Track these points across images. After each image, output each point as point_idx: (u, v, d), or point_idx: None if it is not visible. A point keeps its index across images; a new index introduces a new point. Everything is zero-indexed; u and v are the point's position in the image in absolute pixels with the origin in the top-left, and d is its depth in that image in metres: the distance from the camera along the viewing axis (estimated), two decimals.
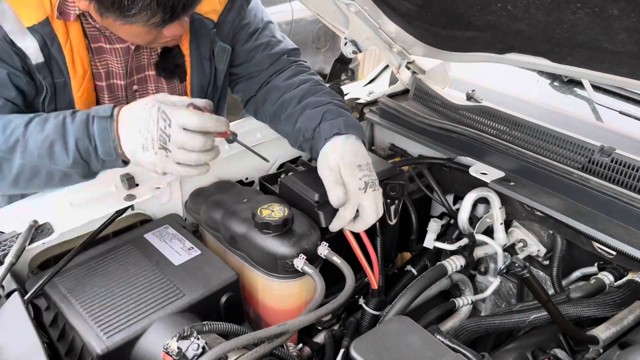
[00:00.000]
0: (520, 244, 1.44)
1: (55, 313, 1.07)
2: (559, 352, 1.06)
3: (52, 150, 1.09)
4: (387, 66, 1.89)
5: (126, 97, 1.40)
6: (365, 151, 1.25)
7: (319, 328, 1.35)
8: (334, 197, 1.17)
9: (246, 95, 1.57)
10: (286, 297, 1.21)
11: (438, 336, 0.96)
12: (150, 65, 1.39)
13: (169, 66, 1.41)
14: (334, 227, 1.20)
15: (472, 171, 1.38)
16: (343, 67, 1.60)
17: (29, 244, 1.14)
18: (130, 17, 1.07)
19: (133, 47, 1.32)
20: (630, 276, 1.23)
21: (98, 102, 1.36)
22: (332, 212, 1.23)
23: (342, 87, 1.66)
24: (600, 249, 1.23)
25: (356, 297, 1.34)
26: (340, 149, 1.22)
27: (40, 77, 1.23)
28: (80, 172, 1.13)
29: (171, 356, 0.87)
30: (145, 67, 1.39)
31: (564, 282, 1.39)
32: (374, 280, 1.23)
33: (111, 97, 1.37)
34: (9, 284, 1.08)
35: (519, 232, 1.44)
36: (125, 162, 1.13)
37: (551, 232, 1.38)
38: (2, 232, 1.18)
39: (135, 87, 1.41)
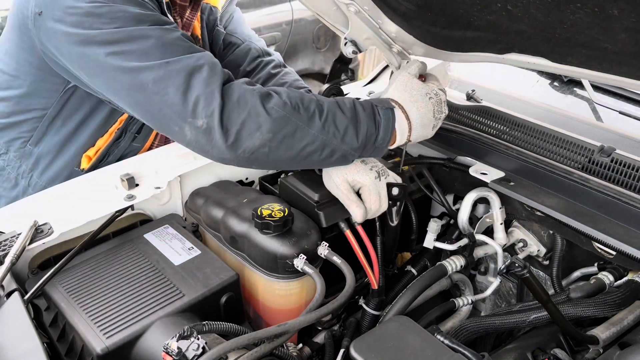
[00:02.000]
0: (520, 244, 1.44)
1: (55, 313, 1.07)
2: (559, 352, 1.06)
3: (347, 131, 1.14)
4: (387, 66, 1.89)
5: None
6: None
7: (319, 328, 1.35)
8: (356, 216, 1.22)
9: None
10: (286, 297, 1.21)
11: (438, 336, 0.96)
12: None
13: None
14: (360, 219, 1.23)
15: (472, 171, 1.38)
16: (343, 67, 1.61)
17: (29, 244, 1.14)
18: None
19: (188, 33, 1.44)
20: (630, 276, 1.23)
21: None
22: (332, 212, 1.23)
23: (342, 87, 1.65)
24: (600, 249, 1.23)
25: (356, 297, 1.34)
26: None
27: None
28: (357, 155, 1.17)
29: (171, 356, 0.86)
30: None
31: (564, 282, 1.39)
32: (374, 280, 1.23)
33: None
34: (9, 284, 1.08)
35: (519, 232, 1.44)
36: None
37: (551, 232, 1.38)
38: (2, 232, 1.18)
39: None
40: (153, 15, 1.17)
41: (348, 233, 1.21)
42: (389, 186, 1.24)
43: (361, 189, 1.22)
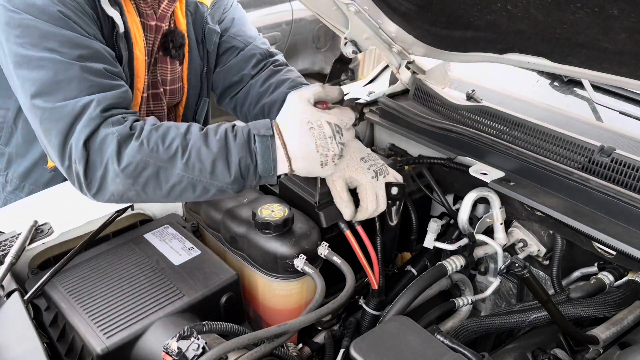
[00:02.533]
0: (520, 244, 1.44)
1: (55, 313, 1.07)
2: (559, 352, 1.06)
3: (215, 166, 1.06)
4: (387, 66, 1.89)
5: (149, 73, 1.46)
6: (361, 145, 1.27)
7: (319, 328, 1.35)
8: (345, 215, 1.21)
9: (219, 87, 1.64)
10: (286, 297, 1.21)
11: (438, 336, 0.96)
12: (155, 47, 1.44)
13: (175, 44, 1.46)
14: (359, 217, 1.22)
15: (472, 171, 1.38)
16: (343, 67, 1.61)
17: (29, 244, 1.14)
18: None
19: (164, 26, 1.39)
20: (630, 276, 1.23)
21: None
22: (332, 212, 1.23)
23: (342, 87, 1.66)
24: (600, 249, 1.23)
25: (356, 297, 1.34)
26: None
27: (122, 47, 1.27)
28: (236, 188, 1.10)
29: (171, 356, 0.87)
30: (156, 48, 1.44)
31: (564, 282, 1.39)
32: (374, 280, 1.23)
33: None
34: (9, 284, 1.08)
35: (519, 232, 1.44)
36: (279, 177, 1.13)
37: (551, 232, 1.38)
38: (2, 232, 1.18)
39: (151, 67, 1.46)
40: (62, 35, 1.10)
41: (348, 233, 1.21)
42: (388, 185, 1.24)
43: (358, 188, 1.20)
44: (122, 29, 1.26)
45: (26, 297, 1.07)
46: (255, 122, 1.12)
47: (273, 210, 1.17)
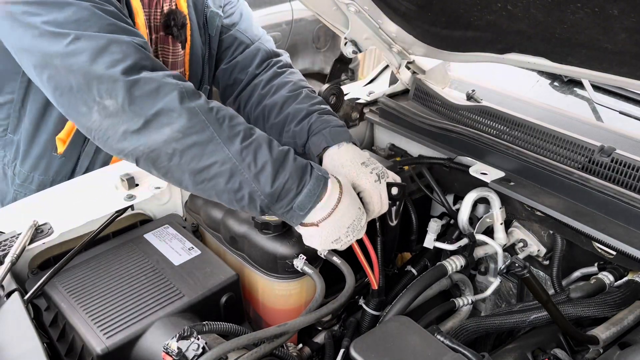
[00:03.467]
0: (520, 244, 1.44)
1: (55, 313, 1.07)
2: (559, 352, 1.06)
3: (264, 169, 1.02)
4: (387, 66, 1.89)
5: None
6: (359, 149, 1.26)
7: (319, 328, 1.35)
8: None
9: (223, 83, 1.62)
10: (286, 297, 1.21)
11: (438, 336, 0.96)
12: (159, 27, 1.42)
13: (177, 23, 1.43)
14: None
15: (472, 171, 1.38)
16: (343, 67, 1.60)
17: (29, 244, 1.14)
18: None
19: (166, 5, 1.37)
20: (630, 276, 1.23)
21: None
22: None
23: (342, 87, 1.66)
24: (600, 249, 1.23)
25: (356, 297, 1.34)
26: (337, 163, 1.23)
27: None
28: (265, 204, 1.04)
29: (171, 356, 0.86)
30: (156, 28, 1.42)
31: (564, 282, 1.39)
32: (374, 280, 1.23)
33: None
34: (9, 284, 1.08)
35: (519, 232, 1.44)
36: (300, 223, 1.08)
37: (551, 232, 1.38)
38: (2, 232, 1.18)
39: (153, 46, 1.44)
40: None
41: None
42: (389, 186, 1.23)
43: (362, 192, 1.19)
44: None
45: (26, 297, 1.07)
46: (320, 166, 1.13)
47: None
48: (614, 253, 1.20)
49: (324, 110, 1.38)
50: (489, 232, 1.40)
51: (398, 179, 1.26)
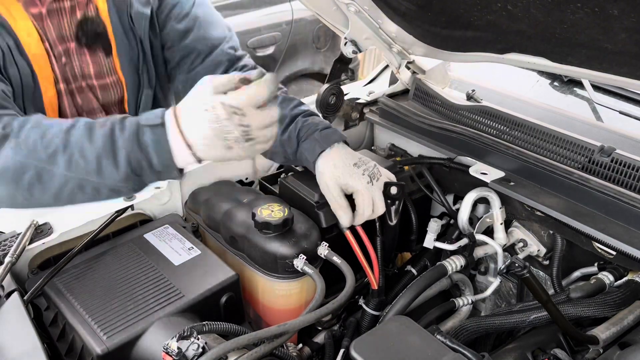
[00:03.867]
0: (520, 244, 1.44)
1: (55, 313, 1.07)
2: (559, 352, 1.06)
3: (100, 164, 0.97)
4: (387, 66, 1.89)
5: (60, 65, 1.36)
6: (350, 150, 1.26)
7: (319, 328, 1.35)
8: (343, 222, 1.21)
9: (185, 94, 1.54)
10: (286, 297, 1.21)
11: (438, 336, 0.96)
12: (71, 36, 1.34)
13: (89, 34, 1.35)
14: (356, 223, 1.21)
15: (472, 171, 1.38)
16: (343, 67, 1.60)
17: (29, 244, 1.14)
18: None
19: (44, 10, 1.27)
20: (630, 276, 1.23)
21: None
22: (332, 212, 1.23)
23: (342, 87, 1.66)
24: (600, 248, 1.23)
25: (356, 297, 1.34)
26: (329, 163, 1.22)
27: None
28: (131, 186, 1.01)
29: (171, 356, 0.86)
30: (67, 38, 1.34)
31: (564, 282, 1.39)
32: (374, 280, 1.23)
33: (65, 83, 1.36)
34: (9, 284, 1.08)
35: (519, 232, 1.44)
36: (181, 171, 1.03)
37: (551, 232, 1.38)
38: (2, 232, 1.18)
39: (63, 59, 1.36)
40: None
41: (348, 233, 1.21)
42: (387, 185, 1.24)
43: (354, 194, 1.18)
44: None
45: (26, 297, 1.07)
46: (147, 113, 1.02)
47: (273, 210, 1.17)
48: (614, 253, 1.20)
49: (307, 112, 1.33)
50: (489, 232, 1.40)
51: (392, 177, 1.25)
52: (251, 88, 0.97)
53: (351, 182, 1.18)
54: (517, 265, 1.00)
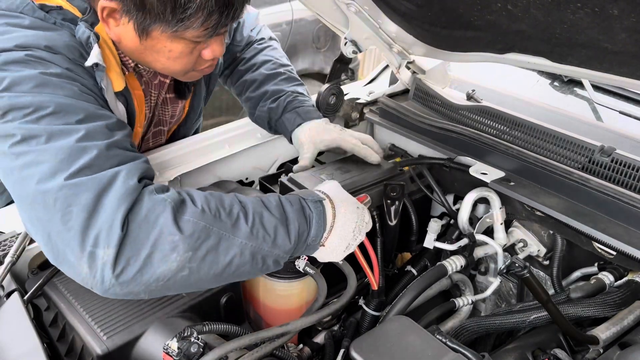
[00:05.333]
0: (521, 244, 1.44)
1: (55, 313, 1.07)
2: (559, 352, 1.06)
3: (277, 232, 0.97)
4: (387, 66, 1.89)
5: (148, 130, 1.44)
6: (329, 123, 1.45)
7: (319, 328, 1.35)
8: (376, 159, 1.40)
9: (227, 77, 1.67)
10: (287, 297, 1.21)
11: (438, 336, 0.96)
12: (159, 98, 1.40)
13: (183, 87, 1.42)
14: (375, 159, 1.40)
15: (472, 171, 1.38)
16: (343, 67, 1.60)
17: (29, 244, 1.14)
18: (185, 20, 0.99)
19: (167, 81, 1.33)
20: (630, 276, 1.23)
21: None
22: None
23: (342, 87, 1.66)
24: (601, 249, 1.23)
25: (356, 297, 1.34)
26: (306, 132, 1.42)
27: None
28: (286, 258, 1.01)
29: (171, 356, 0.87)
30: (161, 87, 1.39)
31: (564, 282, 1.39)
32: (374, 281, 1.23)
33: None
34: (9, 284, 1.08)
35: (519, 232, 1.44)
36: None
37: (551, 232, 1.38)
38: (2, 232, 1.18)
39: (152, 117, 1.43)
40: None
41: None
42: (387, 186, 1.23)
43: (333, 142, 1.39)
44: (125, 120, 1.21)
45: (26, 297, 1.07)
46: (299, 191, 1.09)
47: None
48: (614, 253, 1.20)
49: (299, 93, 1.52)
50: (489, 232, 1.40)
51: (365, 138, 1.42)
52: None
53: (326, 136, 1.36)
54: (517, 265, 1.00)
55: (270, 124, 1.52)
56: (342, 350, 1.20)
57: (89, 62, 1.04)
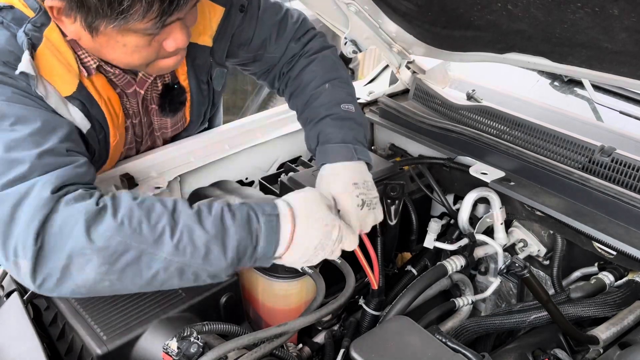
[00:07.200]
0: (521, 244, 1.44)
1: (55, 313, 1.07)
2: (559, 352, 1.06)
3: (209, 250, 0.92)
4: (387, 66, 1.89)
5: (144, 134, 1.39)
6: (360, 169, 1.17)
7: (319, 328, 1.35)
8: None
9: (271, 84, 1.48)
10: (286, 297, 1.21)
11: (438, 336, 0.96)
12: (153, 99, 1.35)
13: (173, 106, 1.36)
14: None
15: (472, 171, 1.38)
16: None
17: None
18: (125, 12, 0.96)
19: (142, 92, 1.28)
20: (630, 276, 1.23)
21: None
22: None
23: None
24: (601, 249, 1.23)
25: (356, 297, 1.34)
26: (331, 175, 1.17)
27: (90, 141, 1.18)
28: (229, 273, 0.97)
29: (171, 356, 0.86)
30: (149, 100, 1.35)
31: (564, 282, 1.39)
32: (374, 280, 1.23)
33: (134, 136, 1.37)
34: (9, 284, 1.08)
35: (519, 232, 1.44)
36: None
37: (551, 232, 1.38)
38: None
39: (149, 123, 1.39)
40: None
41: None
42: (387, 185, 1.23)
43: (341, 211, 1.11)
44: (87, 126, 1.15)
45: (26, 297, 1.07)
46: (258, 201, 1.02)
47: None
48: (614, 253, 1.20)
49: (338, 115, 1.25)
50: (489, 232, 1.40)
51: (380, 217, 1.18)
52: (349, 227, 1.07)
53: (340, 198, 1.11)
54: (517, 265, 1.00)
55: (309, 148, 1.30)
56: (342, 350, 1.20)
57: (17, 70, 1.01)
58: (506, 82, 1.77)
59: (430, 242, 1.38)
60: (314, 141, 1.24)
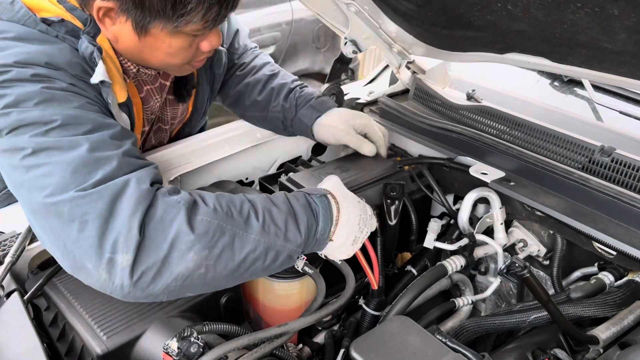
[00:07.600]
0: (521, 244, 1.44)
1: (55, 313, 1.07)
2: (559, 352, 1.06)
3: (287, 229, 0.99)
4: (387, 66, 1.89)
5: (153, 121, 1.42)
6: (343, 109, 1.46)
7: (319, 328, 1.35)
8: (366, 151, 1.44)
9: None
10: (286, 297, 1.21)
11: (438, 336, 0.96)
12: (170, 88, 1.38)
13: (182, 91, 1.40)
14: (383, 151, 1.48)
15: (472, 171, 1.38)
16: (343, 67, 1.60)
17: (29, 244, 1.14)
18: (187, 14, 0.99)
19: (168, 83, 1.31)
20: (630, 276, 1.23)
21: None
22: None
23: (342, 87, 1.66)
24: (601, 249, 1.23)
25: (356, 297, 1.34)
26: (329, 120, 1.42)
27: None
28: (300, 253, 1.02)
29: (171, 356, 0.87)
30: (167, 91, 1.38)
31: (564, 282, 1.39)
32: (374, 280, 1.23)
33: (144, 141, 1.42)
34: (9, 284, 1.08)
35: (519, 232, 1.44)
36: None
37: (551, 232, 1.38)
38: (2, 232, 1.18)
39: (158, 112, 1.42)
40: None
41: None
42: (387, 185, 1.23)
43: (365, 128, 1.42)
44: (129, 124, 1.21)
45: (26, 297, 1.07)
46: (304, 189, 1.10)
47: None
48: (614, 253, 1.20)
49: (303, 85, 1.53)
50: (489, 232, 1.40)
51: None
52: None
53: (359, 120, 1.40)
54: (517, 265, 1.00)
55: (285, 124, 1.50)
56: (342, 350, 1.20)
57: (94, 80, 1.03)
58: (506, 82, 1.77)
59: (430, 242, 1.38)
60: (292, 110, 1.47)
